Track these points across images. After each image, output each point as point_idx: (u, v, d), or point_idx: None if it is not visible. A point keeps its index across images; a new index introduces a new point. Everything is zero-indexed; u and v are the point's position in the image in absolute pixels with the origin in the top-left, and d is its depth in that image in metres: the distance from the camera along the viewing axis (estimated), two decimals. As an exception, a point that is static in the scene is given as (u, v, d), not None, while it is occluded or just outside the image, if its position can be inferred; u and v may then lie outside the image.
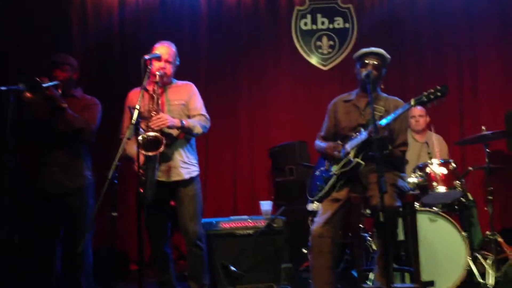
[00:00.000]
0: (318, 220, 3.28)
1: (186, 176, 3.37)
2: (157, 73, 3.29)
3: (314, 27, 5.67)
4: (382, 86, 3.45)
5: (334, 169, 3.30)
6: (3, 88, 3.08)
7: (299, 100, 5.60)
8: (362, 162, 3.18)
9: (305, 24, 5.68)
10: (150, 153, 3.09)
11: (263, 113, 5.59)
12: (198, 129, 3.37)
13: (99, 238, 3.78)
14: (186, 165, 3.39)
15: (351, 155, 3.21)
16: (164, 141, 3.14)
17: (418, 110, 4.60)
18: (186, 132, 3.36)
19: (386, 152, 3.15)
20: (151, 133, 3.11)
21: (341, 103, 3.48)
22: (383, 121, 3.10)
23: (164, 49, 3.42)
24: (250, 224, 4.03)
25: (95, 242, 3.58)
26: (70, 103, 3.42)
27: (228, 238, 3.95)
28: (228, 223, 4.03)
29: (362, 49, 3.38)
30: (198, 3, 5.60)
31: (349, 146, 3.25)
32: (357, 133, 3.23)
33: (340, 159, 3.27)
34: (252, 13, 5.64)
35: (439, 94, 2.97)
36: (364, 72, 3.23)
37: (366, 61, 3.30)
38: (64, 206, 3.47)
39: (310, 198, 3.50)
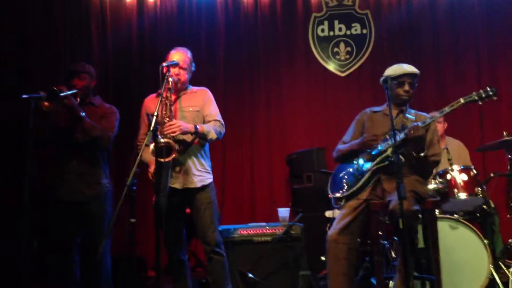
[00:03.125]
0: (335, 226, 3.27)
1: (199, 184, 3.36)
2: (170, 79, 3.28)
3: (332, 33, 5.66)
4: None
5: (369, 165, 3.29)
6: (24, 96, 3.13)
7: (316, 107, 5.59)
8: (403, 158, 3.18)
9: (322, 30, 5.67)
10: (162, 160, 3.07)
11: (280, 120, 5.59)
12: (212, 135, 3.35)
13: (117, 245, 3.80)
14: (199, 172, 3.38)
15: (388, 153, 3.21)
16: (176, 148, 3.14)
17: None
18: (200, 138, 3.35)
19: (422, 154, 3.19)
20: (163, 140, 3.09)
21: (371, 113, 3.54)
22: (424, 123, 3.18)
23: (178, 55, 3.43)
24: (268, 231, 4.02)
25: (113, 249, 3.60)
26: (89, 111, 3.46)
27: (246, 245, 3.95)
28: (246, 230, 4.03)
29: (397, 69, 3.38)
30: (215, 11, 5.64)
31: (384, 145, 3.26)
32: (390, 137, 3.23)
33: (374, 155, 3.27)
34: (269, 20, 5.66)
35: (491, 93, 3.10)
36: (382, 78, 3.25)
37: (402, 80, 3.36)
38: (82, 214, 3.49)
39: (337, 196, 3.38)
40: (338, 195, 3.37)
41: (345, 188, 3.34)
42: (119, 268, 3.38)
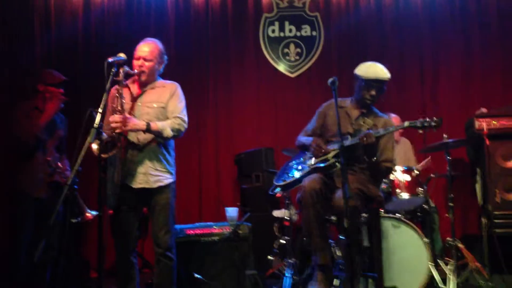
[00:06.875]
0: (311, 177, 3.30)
1: (155, 185, 3.24)
2: (120, 71, 3.13)
3: (282, 34, 5.70)
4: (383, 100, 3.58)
5: (310, 162, 3.37)
6: None
7: (265, 107, 5.61)
8: (338, 165, 3.22)
9: (273, 31, 5.70)
10: (103, 155, 2.92)
11: (228, 119, 5.58)
12: (167, 132, 3.22)
13: (59, 245, 3.68)
14: (157, 172, 3.25)
15: (329, 155, 3.27)
16: (119, 143, 3.03)
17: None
18: (156, 136, 3.22)
19: (374, 159, 3.25)
20: (105, 136, 2.97)
21: (334, 107, 3.50)
22: (377, 133, 3.21)
23: (144, 46, 3.32)
24: (215, 230, 4.00)
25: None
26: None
27: (193, 244, 3.91)
28: (193, 230, 3.99)
29: (370, 71, 3.43)
30: (165, 9, 5.57)
31: (331, 146, 3.34)
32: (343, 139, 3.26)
33: (319, 155, 3.34)
34: (219, 19, 5.64)
35: (434, 124, 3.11)
36: (330, 80, 3.24)
37: (371, 85, 3.41)
38: None
39: (275, 184, 3.52)
40: (275, 182, 3.50)
41: (284, 177, 3.44)
42: (60, 269, 3.24)
